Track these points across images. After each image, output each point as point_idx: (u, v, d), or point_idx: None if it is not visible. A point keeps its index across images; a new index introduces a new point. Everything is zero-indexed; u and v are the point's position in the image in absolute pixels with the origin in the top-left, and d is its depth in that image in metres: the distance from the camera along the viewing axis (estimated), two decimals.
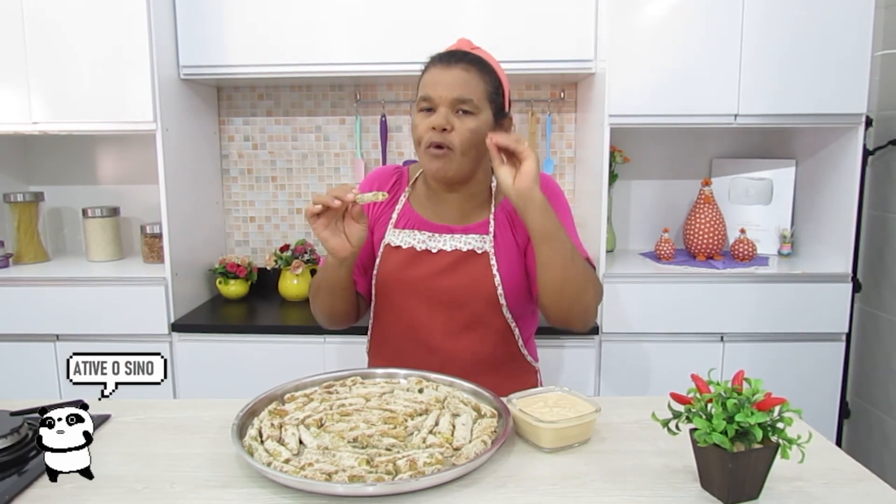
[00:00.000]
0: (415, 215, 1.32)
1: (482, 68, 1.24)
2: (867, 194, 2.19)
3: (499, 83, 1.26)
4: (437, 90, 1.20)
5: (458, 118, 1.20)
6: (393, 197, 1.35)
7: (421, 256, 1.28)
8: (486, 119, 1.23)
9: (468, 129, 1.20)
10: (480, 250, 1.27)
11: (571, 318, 1.22)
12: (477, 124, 1.21)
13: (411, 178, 1.38)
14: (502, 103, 1.27)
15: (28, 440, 1.01)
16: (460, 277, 1.26)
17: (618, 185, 2.41)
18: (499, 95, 1.26)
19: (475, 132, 1.20)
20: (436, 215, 1.32)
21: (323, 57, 2.06)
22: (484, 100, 1.22)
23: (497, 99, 1.25)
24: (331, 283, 1.26)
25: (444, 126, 1.19)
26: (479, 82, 1.22)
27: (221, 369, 2.03)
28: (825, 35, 1.91)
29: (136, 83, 1.95)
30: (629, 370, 2.04)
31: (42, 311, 2.04)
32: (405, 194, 1.35)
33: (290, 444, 0.95)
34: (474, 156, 1.23)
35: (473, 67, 1.22)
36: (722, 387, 0.86)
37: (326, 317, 1.33)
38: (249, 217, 2.52)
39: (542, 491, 0.88)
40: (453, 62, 1.22)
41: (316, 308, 1.33)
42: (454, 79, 1.20)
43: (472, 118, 1.20)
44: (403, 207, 1.34)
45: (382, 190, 1.32)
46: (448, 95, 1.19)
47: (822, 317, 2.01)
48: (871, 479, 0.91)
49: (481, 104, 1.22)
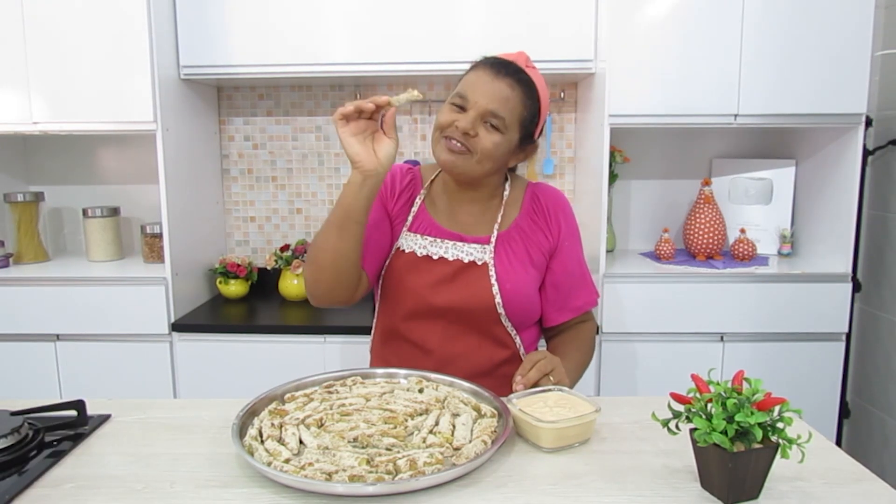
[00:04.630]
0: (428, 219, 1.32)
1: (527, 92, 1.22)
2: (867, 194, 2.19)
3: (537, 111, 1.25)
4: (476, 95, 1.19)
5: (484, 128, 1.19)
6: (409, 198, 1.34)
7: (422, 263, 1.28)
8: (511, 140, 1.23)
9: (492, 142, 1.20)
10: (481, 261, 1.27)
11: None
12: (501, 141, 1.21)
13: (425, 180, 1.36)
14: (533, 131, 1.27)
15: (28, 440, 1.01)
16: (459, 288, 1.26)
17: (618, 185, 2.41)
18: (533, 124, 1.25)
19: (497, 147, 1.21)
20: (448, 221, 1.32)
21: (323, 57, 2.06)
22: (516, 122, 1.22)
23: (529, 126, 1.25)
24: (344, 212, 1.13)
25: (467, 131, 1.18)
26: (519, 105, 1.21)
27: (221, 369, 2.03)
28: (825, 35, 1.91)
29: (136, 83, 1.95)
30: (629, 370, 2.04)
31: (42, 311, 2.04)
32: (420, 196, 1.34)
33: (290, 444, 0.95)
34: (489, 168, 1.24)
35: (520, 87, 1.21)
36: (722, 387, 0.86)
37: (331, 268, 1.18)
38: (249, 217, 2.52)
39: (542, 491, 0.88)
40: (503, 74, 1.20)
41: (318, 258, 1.19)
42: (497, 91, 1.19)
43: (499, 135, 1.20)
44: (418, 210, 1.33)
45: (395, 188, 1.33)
46: (484, 104, 1.18)
47: (822, 317, 2.01)
48: (871, 479, 0.91)
49: (511, 125, 1.21)
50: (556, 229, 1.32)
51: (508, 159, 1.27)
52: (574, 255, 1.34)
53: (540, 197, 1.34)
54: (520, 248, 1.29)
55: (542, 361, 1.14)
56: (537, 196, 1.34)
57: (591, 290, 1.38)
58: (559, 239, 1.32)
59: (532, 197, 1.34)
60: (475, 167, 1.22)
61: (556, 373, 1.15)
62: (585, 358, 1.35)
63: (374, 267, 1.31)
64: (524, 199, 1.34)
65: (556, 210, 1.33)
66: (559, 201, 1.35)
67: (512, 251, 1.29)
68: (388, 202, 1.33)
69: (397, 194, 1.34)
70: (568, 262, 1.33)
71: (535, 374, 1.13)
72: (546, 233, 1.32)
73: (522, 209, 1.33)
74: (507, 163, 1.29)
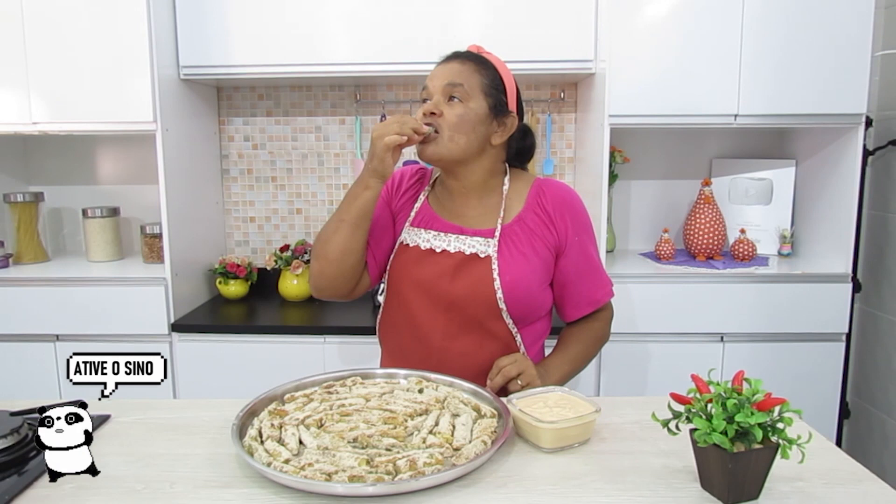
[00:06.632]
0: (430, 213, 1.34)
1: (480, 63, 1.27)
2: (867, 194, 2.19)
3: (499, 80, 1.27)
4: (433, 82, 1.26)
5: (448, 106, 1.24)
6: (414, 195, 1.38)
7: (425, 256, 1.29)
8: (477, 109, 1.24)
9: (455, 114, 1.23)
10: (483, 254, 1.27)
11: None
12: (465, 111, 1.23)
13: (432, 179, 1.40)
14: (504, 100, 1.27)
15: (28, 440, 1.01)
16: (461, 281, 1.26)
17: (618, 185, 2.41)
18: (499, 91, 1.27)
19: (462, 117, 1.23)
20: (450, 214, 1.33)
21: (323, 57, 2.06)
22: (477, 90, 1.24)
23: (496, 94, 1.26)
24: (360, 212, 1.24)
25: (432, 110, 1.23)
26: (474, 73, 1.25)
27: (221, 369, 2.03)
28: (825, 35, 1.91)
29: (136, 83, 1.95)
30: (629, 370, 2.04)
31: (42, 311, 2.04)
32: (425, 192, 1.38)
33: (290, 445, 0.95)
34: (463, 143, 1.24)
35: (470, 61, 1.27)
36: (722, 387, 0.86)
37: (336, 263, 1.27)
38: (249, 217, 2.52)
39: (542, 491, 0.88)
40: (453, 57, 1.28)
41: (327, 253, 1.27)
42: (448, 69, 1.26)
43: (461, 105, 1.23)
44: (422, 205, 1.36)
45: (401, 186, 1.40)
46: (440, 83, 1.24)
47: (822, 317, 2.01)
48: (871, 479, 0.91)
49: (473, 92, 1.24)
50: (563, 225, 1.30)
51: (487, 133, 1.27)
52: (585, 250, 1.33)
53: (546, 192, 1.32)
54: (523, 241, 1.29)
55: (508, 366, 1.20)
56: (543, 191, 1.33)
57: (605, 282, 1.38)
58: (567, 235, 1.30)
59: (538, 191, 1.33)
60: (448, 145, 1.23)
61: (525, 376, 1.19)
62: (587, 349, 1.37)
63: (377, 264, 1.36)
64: (529, 193, 1.33)
65: (562, 205, 1.31)
66: (566, 197, 1.33)
67: (514, 245, 1.28)
68: (393, 199, 1.39)
69: (402, 191, 1.39)
70: (579, 258, 1.32)
71: (500, 380, 1.20)
72: (551, 228, 1.30)
73: (527, 203, 1.32)
74: (488, 138, 1.27)
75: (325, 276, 1.29)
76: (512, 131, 1.30)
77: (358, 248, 1.28)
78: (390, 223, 1.37)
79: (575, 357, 1.34)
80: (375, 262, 1.36)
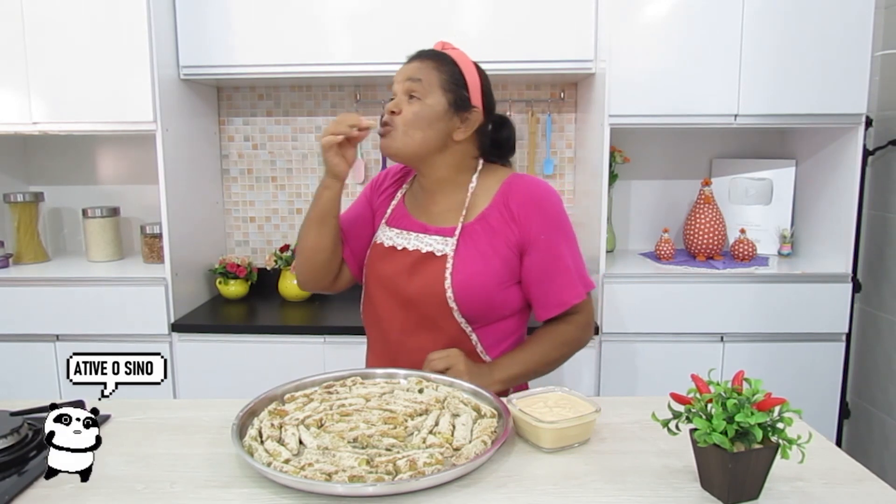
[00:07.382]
0: (402, 211, 1.37)
1: (440, 60, 1.28)
2: (867, 194, 2.19)
3: (459, 75, 1.27)
4: (396, 80, 1.29)
5: (408, 104, 1.26)
6: (392, 193, 1.42)
7: (389, 253, 1.32)
8: (434, 105, 1.25)
9: (411, 111, 1.25)
10: (440, 253, 1.26)
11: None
12: (420, 107, 1.24)
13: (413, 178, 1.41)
14: (465, 95, 1.27)
15: (28, 440, 1.01)
16: (416, 279, 1.27)
17: (618, 185, 2.41)
18: (458, 86, 1.26)
19: (417, 114, 1.24)
20: (419, 212, 1.34)
21: (323, 57, 2.06)
22: (434, 84, 1.25)
23: (455, 89, 1.26)
24: (323, 210, 1.31)
25: (392, 109, 1.26)
26: (432, 70, 1.26)
27: (221, 369, 2.03)
28: (825, 35, 1.91)
29: (136, 83, 1.95)
30: (629, 370, 2.04)
31: (42, 311, 2.04)
32: (402, 191, 1.40)
33: (290, 445, 0.95)
34: (419, 138, 1.25)
35: (430, 59, 1.28)
36: (722, 387, 0.86)
37: (310, 260, 1.36)
38: (249, 217, 2.52)
39: (542, 491, 0.88)
40: (415, 57, 1.30)
41: (302, 249, 1.36)
42: (409, 68, 1.28)
43: (418, 102, 1.25)
44: (397, 203, 1.39)
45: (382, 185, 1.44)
46: (401, 82, 1.27)
47: (822, 317, 2.01)
48: (871, 479, 0.91)
49: (431, 87, 1.25)
50: (527, 223, 1.25)
51: (447, 129, 1.26)
52: (553, 249, 1.26)
53: (513, 189, 1.28)
54: (483, 240, 1.26)
55: (435, 360, 1.22)
56: (511, 188, 1.29)
57: (575, 284, 1.28)
58: (531, 233, 1.25)
59: (506, 189, 1.29)
60: (403, 139, 1.25)
61: (453, 371, 1.20)
62: (547, 352, 1.30)
63: (355, 259, 1.41)
64: (498, 190, 1.29)
65: (528, 203, 1.26)
66: (534, 193, 1.27)
67: (474, 244, 1.26)
68: (374, 198, 1.43)
69: (382, 190, 1.43)
70: (545, 257, 1.26)
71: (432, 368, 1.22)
72: (513, 226, 1.26)
73: (493, 201, 1.28)
74: (450, 133, 1.26)
75: (301, 270, 1.40)
76: (475, 126, 1.28)
77: (327, 246, 1.34)
78: (370, 220, 1.42)
79: (528, 359, 1.28)
80: (354, 258, 1.40)
